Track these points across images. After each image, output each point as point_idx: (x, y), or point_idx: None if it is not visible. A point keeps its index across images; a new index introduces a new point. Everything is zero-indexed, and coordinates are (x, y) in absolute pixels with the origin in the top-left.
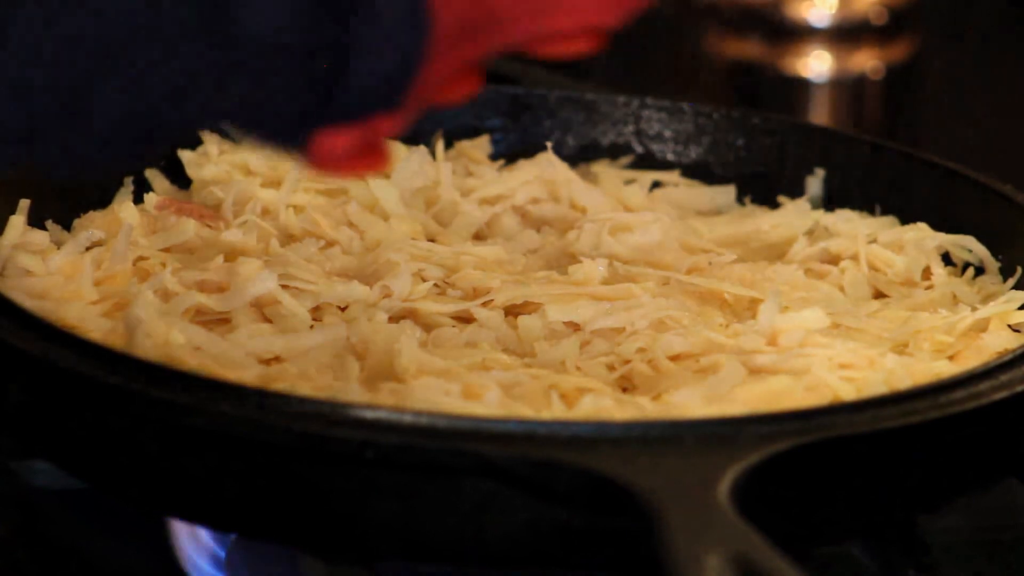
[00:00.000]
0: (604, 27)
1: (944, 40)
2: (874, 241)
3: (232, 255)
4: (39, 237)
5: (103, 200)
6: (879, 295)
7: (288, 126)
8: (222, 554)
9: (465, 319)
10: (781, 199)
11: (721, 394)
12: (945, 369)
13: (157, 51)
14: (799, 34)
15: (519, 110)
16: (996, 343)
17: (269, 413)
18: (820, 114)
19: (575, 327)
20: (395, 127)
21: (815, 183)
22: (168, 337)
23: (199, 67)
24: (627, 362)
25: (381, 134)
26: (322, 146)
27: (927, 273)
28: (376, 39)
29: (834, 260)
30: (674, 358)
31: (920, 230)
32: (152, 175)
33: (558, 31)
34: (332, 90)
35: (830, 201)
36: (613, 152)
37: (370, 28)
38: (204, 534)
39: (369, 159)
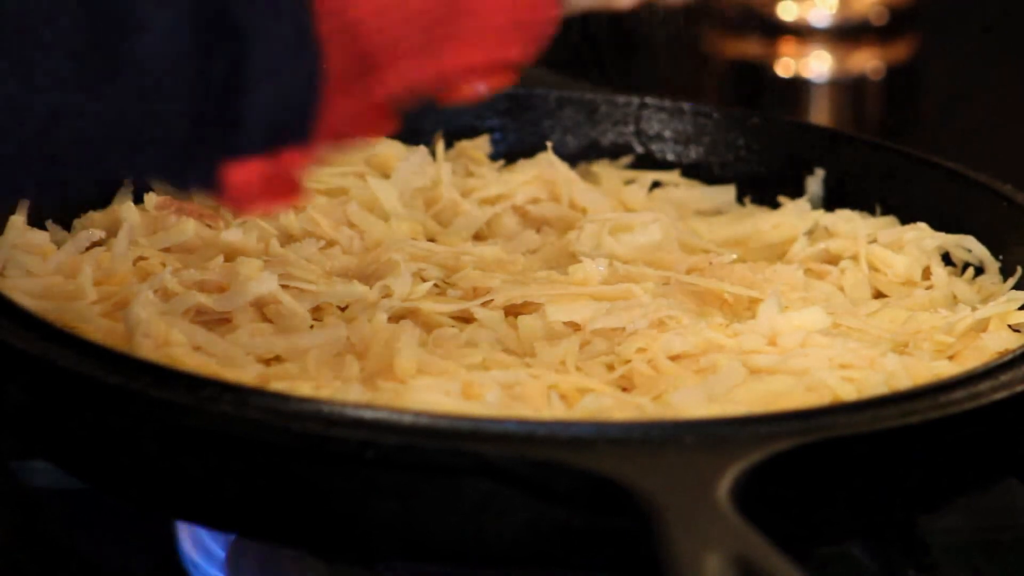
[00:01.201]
0: (509, 62)
1: (944, 40)
2: (874, 241)
3: (232, 255)
4: (39, 237)
5: (103, 200)
6: (879, 295)
7: (189, 160)
8: (222, 554)
9: (465, 319)
10: (781, 199)
11: (721, 394)
12: (945, 369)
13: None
14: (799, 34)
15: (519, 110)
16: (996, 343)
17: (269, 413)
18: (820, 114)
19: (575, 327)
20: (305, 161)
21: (815, 183)
22: (168, 337)
23: (95, 106)
24: (627, 362)
25: (292, 168)
26: (233, 180)
27: (927, 273)
28: (268, 66)
29: (834, 260)
30: (674, 358)
31: (920, 230)
32: None
33: (460, 70)
34: (231, 121)
35: (830, 201)
36: (613, 152)
37: (262, 55)
38: (204, 534)
39: (282, 192)
